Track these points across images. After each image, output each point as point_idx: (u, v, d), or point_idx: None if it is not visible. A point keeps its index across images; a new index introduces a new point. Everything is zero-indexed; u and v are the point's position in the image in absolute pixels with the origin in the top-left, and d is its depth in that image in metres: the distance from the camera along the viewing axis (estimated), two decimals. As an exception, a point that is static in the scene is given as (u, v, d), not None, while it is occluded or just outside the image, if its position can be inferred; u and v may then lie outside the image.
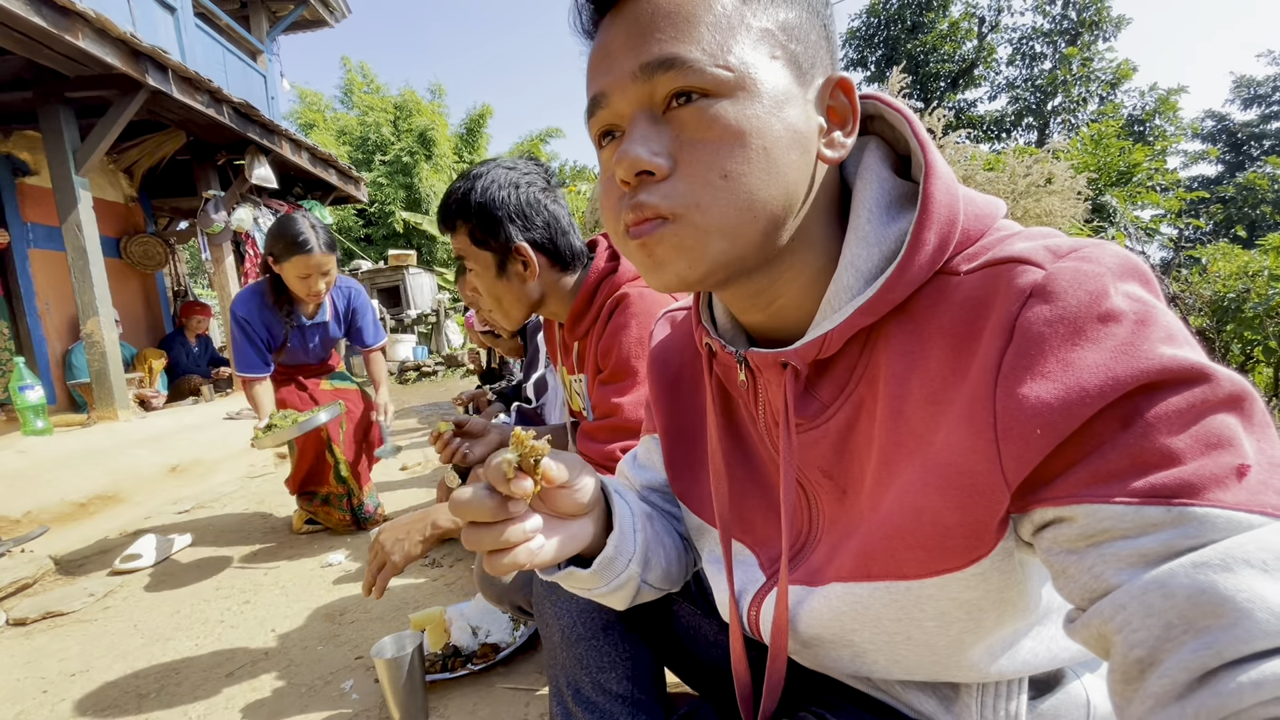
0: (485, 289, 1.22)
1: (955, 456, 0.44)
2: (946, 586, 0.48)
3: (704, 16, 0.46)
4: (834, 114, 0.50)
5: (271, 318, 2.39)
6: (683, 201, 0.47)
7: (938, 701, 0.60)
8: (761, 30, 0.47)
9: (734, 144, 0.45)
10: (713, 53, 0.45)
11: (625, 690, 0.77)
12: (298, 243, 2.19)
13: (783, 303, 0.54)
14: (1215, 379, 0.38)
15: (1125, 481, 0.38)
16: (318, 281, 2.28)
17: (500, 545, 0.49)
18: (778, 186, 0.47)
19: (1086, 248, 0.43)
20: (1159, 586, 0.35)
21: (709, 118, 0.46)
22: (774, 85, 0.47)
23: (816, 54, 0.49)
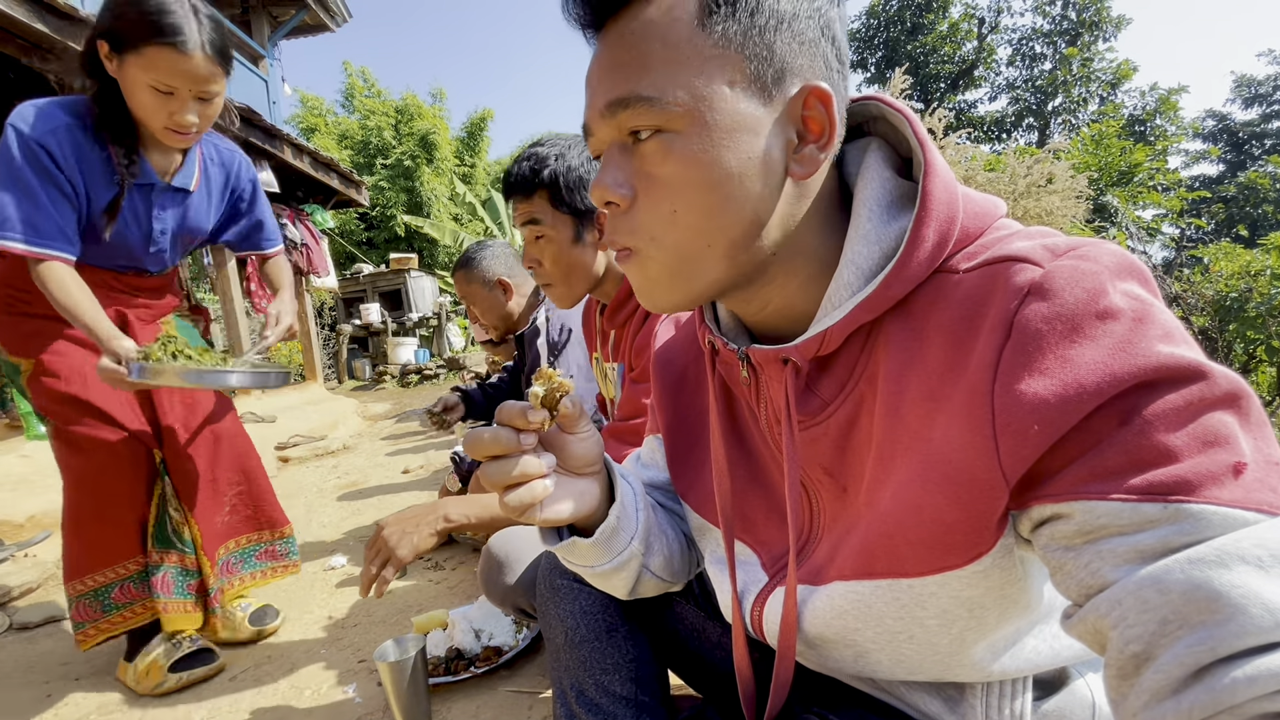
0: (555, 257, 1.19)
1: (954, 453, 0.44)
2: (948, 584, 0.48)
3: (657, 52, 0.47)
4: (811, 124, 0.49)
5: (92, 155, 1.34)
6: (641, 236, 0.51)
7: (942, 702, 0.60)
8: (719, 58, 0.46)
9: (684, 182, 0.48)
10: (664, 89, 0.47)
11: (629, 692, 0.77)
12: (163, 24, 1.22)
13: (779, 304, 0.55)
14: (1212, 377, 0.38)
15: (1122, 478, 0.38)
16: (186, 106, 1.30)
17: (517, 478, 0.52)
18: (733, 215, 0.48)
19: (1084, 246, 0.43)
20: (1155, 582, 0.35)
21: (663, 153, 0.48)
22: (728, 116, 0.47)
23: (796, 62, 0.47)
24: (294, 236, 5.66)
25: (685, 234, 0.49)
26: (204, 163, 1.56)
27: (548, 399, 0.54)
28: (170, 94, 1.28)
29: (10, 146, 1.25)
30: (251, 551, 1.73)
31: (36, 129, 1.27)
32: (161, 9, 1.23)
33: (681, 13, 0.46)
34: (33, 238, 1.27)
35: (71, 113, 1.33)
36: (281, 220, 5.55)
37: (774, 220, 0.50)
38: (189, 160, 1.50)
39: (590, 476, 0.60)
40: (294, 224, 5.73)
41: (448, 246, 14.35)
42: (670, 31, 0.46)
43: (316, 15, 7.39)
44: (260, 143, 4.77)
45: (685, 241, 0.50)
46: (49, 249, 1.29)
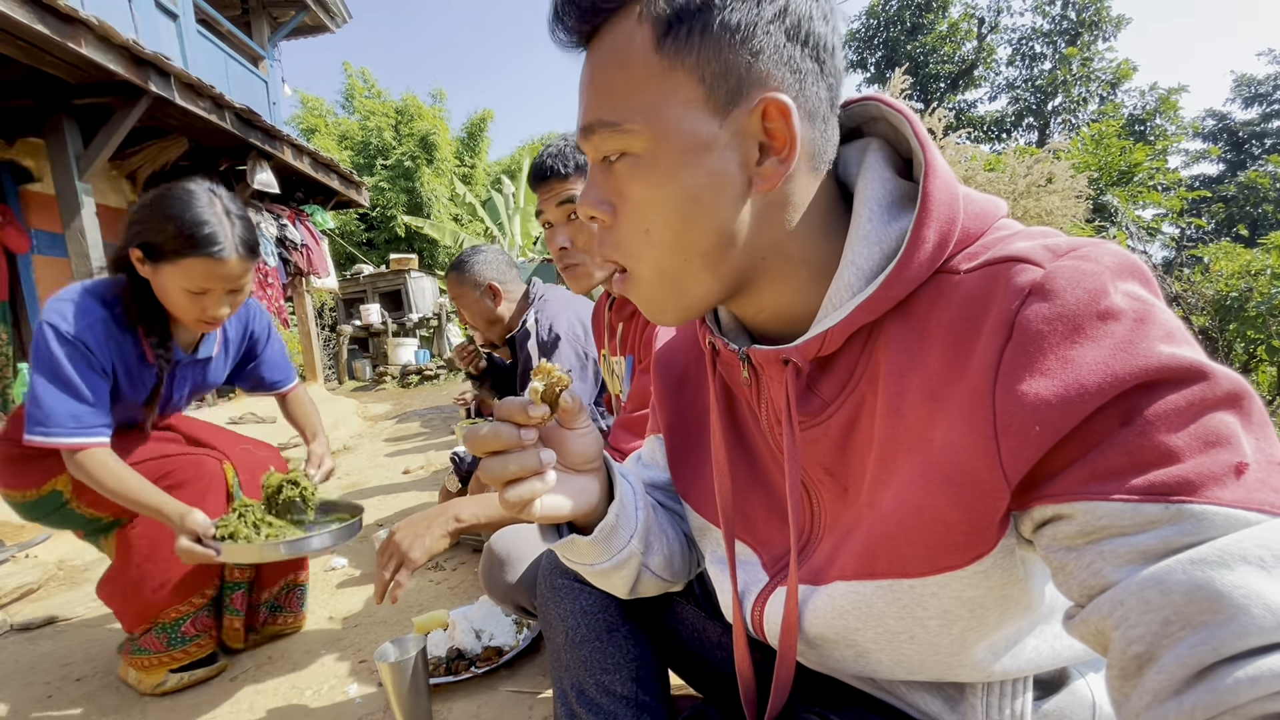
0: (589, 235, 1.21)
1: (955, 454, 0.44)
2: (949, 584, 0.48)
3: (619, 78, 0.48)
4: (774, 135, 0.48)
5: (127, 348, 1.39)
6: (624, 253, 0.53)
7: (943, 702, 0.60)
8: (673, 80, 0.47)
9: (649, 202, 0.50)
10: (624, 114, 0.48)
11: (629, 692, 0.77)
12: (200, 236, 1.27)
13: (776, 306, 0.55)
14: (1214, 377, 0.38)
15: (1124, 479, 0.38)
16: (220, 302, 1.35)
17: (516, 473, 0.52)
18: (700, 231, 0.50)
19: (1085, 247, 0.43)
20: (1157, 583, 0.35)
21: (630, 174, 0.50)
22: (685, 137, 0.48)
23: (754, 75, 0.47)
24: (294, 237, 5.66)
25: (660, 251, 0.51)
26: (223, 326, 1.59)
27: (548, 393, 0.54)
28: (204, 294, 1.33)
29: (50, 344, 1.28)
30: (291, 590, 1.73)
31: (75, 325, 1.31)
32: (197, 222, 1.28)
33: (639, 38, 0.47)
34: (76, 430, 1.29)
35: (104, 303, 1.37)
36: (281, 221, 5.56)
37: (748, 232, 0.50)
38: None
39: (590, 473, 0.60)
40: (294, 225, 5.72)
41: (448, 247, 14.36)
42: (628, 57, 0.48)
43: (316, 16, 7.39)
44: (260, 143, 4.77)
45: (662, 258, 0.51)
46: (91, 437, 1.31)
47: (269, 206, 5.46)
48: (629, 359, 1.27)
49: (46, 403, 1.27)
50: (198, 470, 1.49)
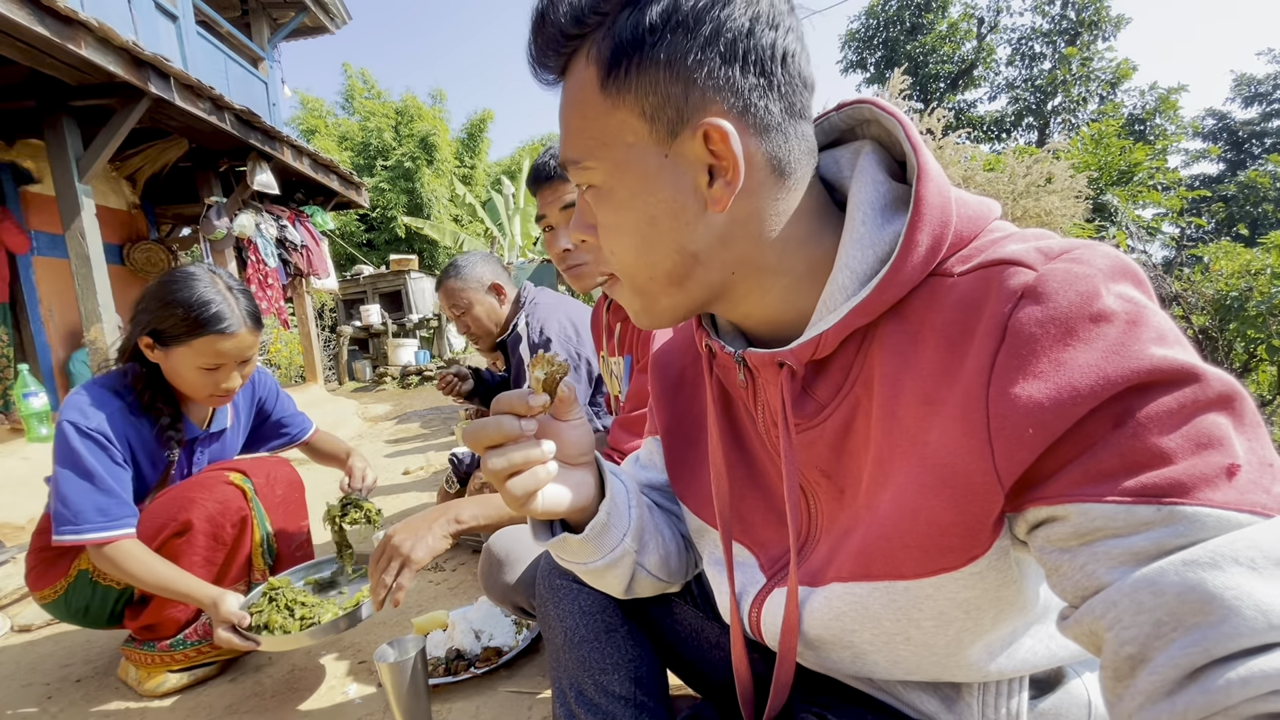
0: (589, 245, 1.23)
1: (950, 456, 0.44)
2: (944, 586, 0.48)
3: (575, 120, 0.52)
4: (720, 158, 0.48)
5: (145, 433, 1.43)
6: (608, 268, 0.58)
7: (939, 702, 0.60)
8: (619, 118, 0.49)
9: (612, 228, 0.54)
10: (581, 152, 0.52)
11: (628, 692, 0.77)
12: (208, 316, 1.31)
13: (764, 313, 0.56)
14: (1206, 379, 0.38)
15: (1117, 481, 0.38)
16: (231, 375, 1.39)
17: (521, 464, 0.53)
18: (658, 252, 0.52)
19: (1078, 249, 0.43)
20: (1149, 584, 0.36)
21: (596, 205, 0.54)
22: (630, 171, 0.50)
23: (695, 101, 0.47)
24: (294, 238, 5.66)
25: (627, 269, 0.55)
26: (236, 398, 1.63)
27: (548, 382, 0.55)
28: (216, 369, 1.38)
29: (70, 440, 1.32)
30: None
31: (92, 420, 1.34)
32: (203, 302, 1.33)
33: (588, 79, 0.49)
34: (104, 524, 1.31)
35: (116, 394, 1.41)
36: (281, 222, 5.56)
37: (713, 249, 0.52)
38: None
39: (583, 467, 0.61)
40: (294, 226, 5.73)
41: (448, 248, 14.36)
42: (580, 98, 0.51)
43: (316, 17, 7.40)
44: (260, 144, 4.78)
45: (630, 274, 0.55)
46: (118, 530, 1.32)
47: (269, 207, 5.47)
48: (627, 359, 1.27)
49: (73, 500, 1.29)
50: (208, 489, 1.47)
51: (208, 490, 1.46)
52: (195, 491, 1.46)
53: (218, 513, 1.45)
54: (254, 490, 1.54)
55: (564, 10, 0.48)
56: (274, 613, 1.31)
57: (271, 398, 1.78)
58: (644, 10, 0.46)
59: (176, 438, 1.47)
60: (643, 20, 0.46)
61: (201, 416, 1.56)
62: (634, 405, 1.17)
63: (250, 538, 1.53)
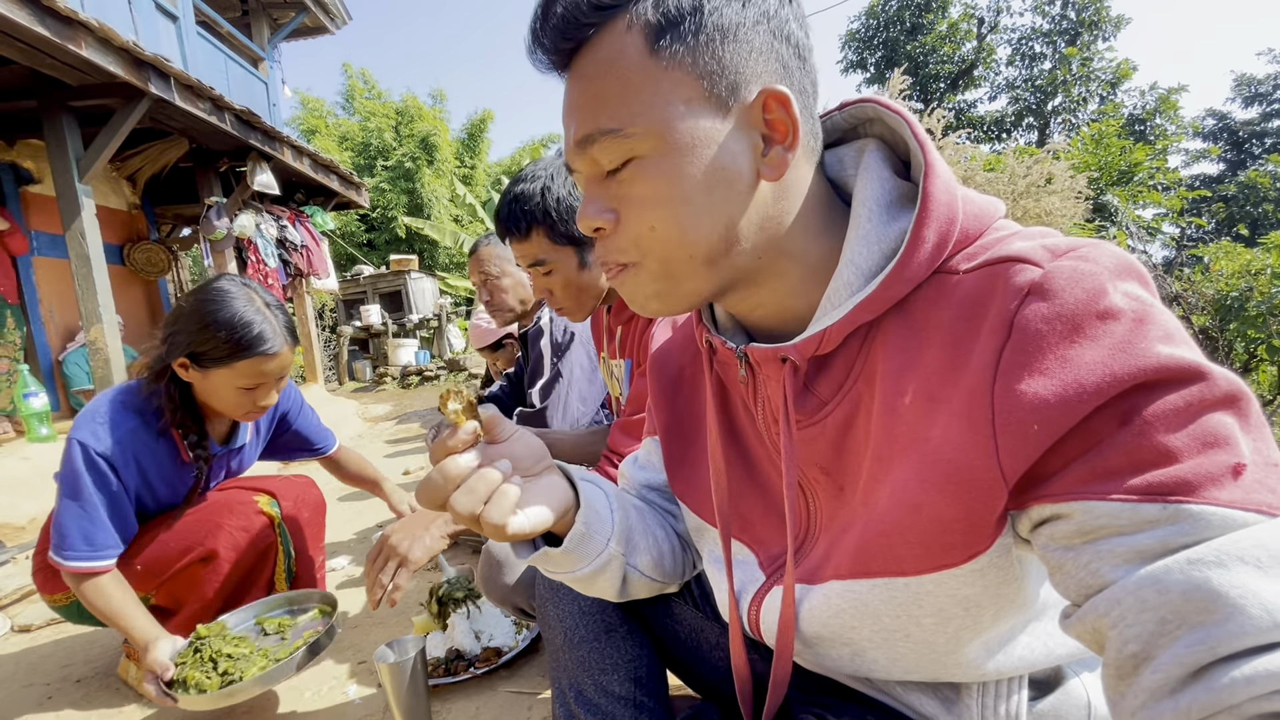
0: (564, 285, 1.21)
1: (953, 452, 0.44)
2: (944, 583, 0.48)
3: (614, 87, 0.49)
4: (775, 126, 0.49)
5: (161, 454, 1.40)
6: (629, 253, 0.53)
7: (938, 702, 0.60)
8: (671, 80, 0.48)
9: (656, 199, 0.50)
10: (624, 119, 0.49)
11: (628, 692, 0.77)
12: (251, 338, 1.29)
13: (771, 305, 0.55)
14: (1212, 378, 0.38)
15: (1122, 479, 0.38)
16: (270, 393, 1.38)
17: (486, 494, 0.52)
18: (707, 225, 0.50)
19: (1084, 247, 0.43)
20: (1154, 582, 0.35)
21: (634, 176, 0.51)
22: (687, 135, 0.48)
23: (748, 70, 0.48)
24: (294, 239, 5.66)
25: (666, 246, 0.51)
26: None
27: (467, 410, 0.55)
28: (256, 388, 1.35)
29: (76, 462, 1.30)
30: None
31: (103, 443, 1.31)
32: (246, 325, 1.29)
33: (631, 46, 0.48)
34: (89, 554, 1.30)
35: (135, 412, 1.37)
36: (282, 222, 5.56)
37: (751, 224, 0.51)
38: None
39: (546, 473, 0.61)
40: (294, 226, 5.73)
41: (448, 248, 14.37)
42: (622, 65, 0.48)
43: (316, 17, 7.40)
44: (260, 145, 4.78)
45: (668, 253, 0.52)
46: (99, 561, 1.31)
47: (269, 208, 5.47)
48: (628, 362, 1.27)
49: (66, 525, 1.30)
50: (237, 516, 1.48)
51: (236, 517, 1.45)
52: (223, 517, 1.45)
53: (245, 542, 1.45)
54: (281, 516, 1.53)
55: None
56: (194, 667, 1.24)
57: (295, 410, 1.74)
58: None
59: (204, 456, 1.44)
60: None
61: (221, 434, 1.53)
62: (635, 408, 1.17)
63: (273, 565, 1.53)
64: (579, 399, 1.89)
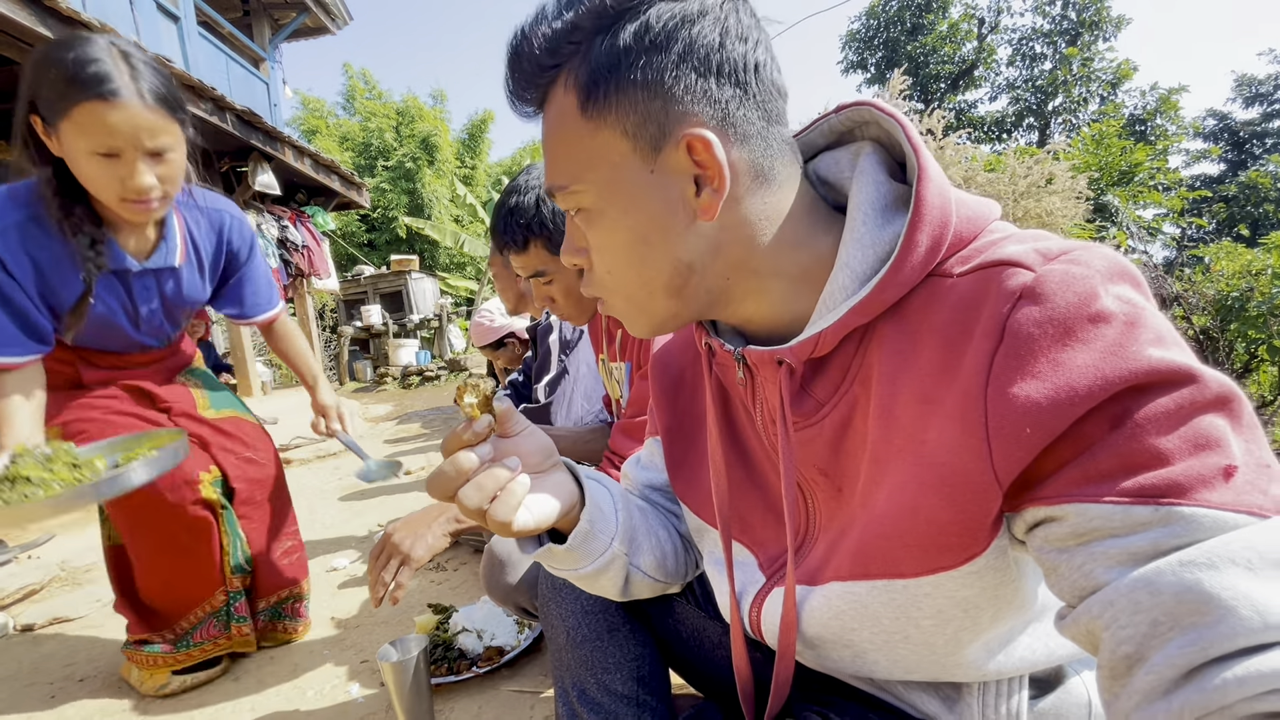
0: (566, 293, 1.20)
1: (948, 455, 0.44)
2: (942, 585, 0.49)
3: (559, 146, 0.53)
4: (705, 167, 0.49)
5: (53, 247, 1.23)
6: (600, 290, 0.58)
7: (940, 701, 0.60)
8: (601, 139, 0.50)
9: (605, 248, 0.55)
10: (568, 177, 0.53)
11: (630, 691, 0.77)
12: (86, 75, 1.08)
13: (762, 315, 0.56)
14: (1203, 380, 0.38)
15: (1114, 481, 0.38)
16: (136, 168, 1.16)
17: (494, 490, 0.53)
18: (654, 266, 0.53)
19: (1076, 250, 0.43)
20: (1146, 584, 0.36)
21: (587, 227, 0.55)
22: (618, 190, 0.51)
23: (675, 116, 0.48)
24: (295, 239, 5.67)
25: (625, 287, 0.56)
26: (188, 233, 1.41)
27: (483, 404, 0.55)
28: (115, 156, 1.14)
29: None
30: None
31: None
32: (82, 59, 1.09)
33: (568, 106, 0.51)
34: None
35: (23, 206, 1.21)
36: (283, 222, 5.57)
37: (706, 258, 0.52)
38: (168, 234, 1.37)
39: (553, 471, 0.61)
40: (295, 226, 5.74)
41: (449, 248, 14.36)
42: (562, 124, 0.52)
43: (317, 18, 7.41)
44: (261, 145, 4.78)
45: (629, 292, 0.56)
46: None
47: (270, 208, 5.48)
48: (627, 365, 1.27)
49: None
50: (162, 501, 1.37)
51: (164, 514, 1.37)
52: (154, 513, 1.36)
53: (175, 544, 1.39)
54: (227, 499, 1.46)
55: (538, 44, 0.49)
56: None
57: (246, 252, 1.53)
58: (617, 35, 0.47)
59: (95, 260, 1.25)
60: (616, 44, 0.47)
61: (140, 248, 1.33)
62: (636, 411, 1.17)
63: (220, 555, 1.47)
64: (584, 397, 1.89)
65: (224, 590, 1.51)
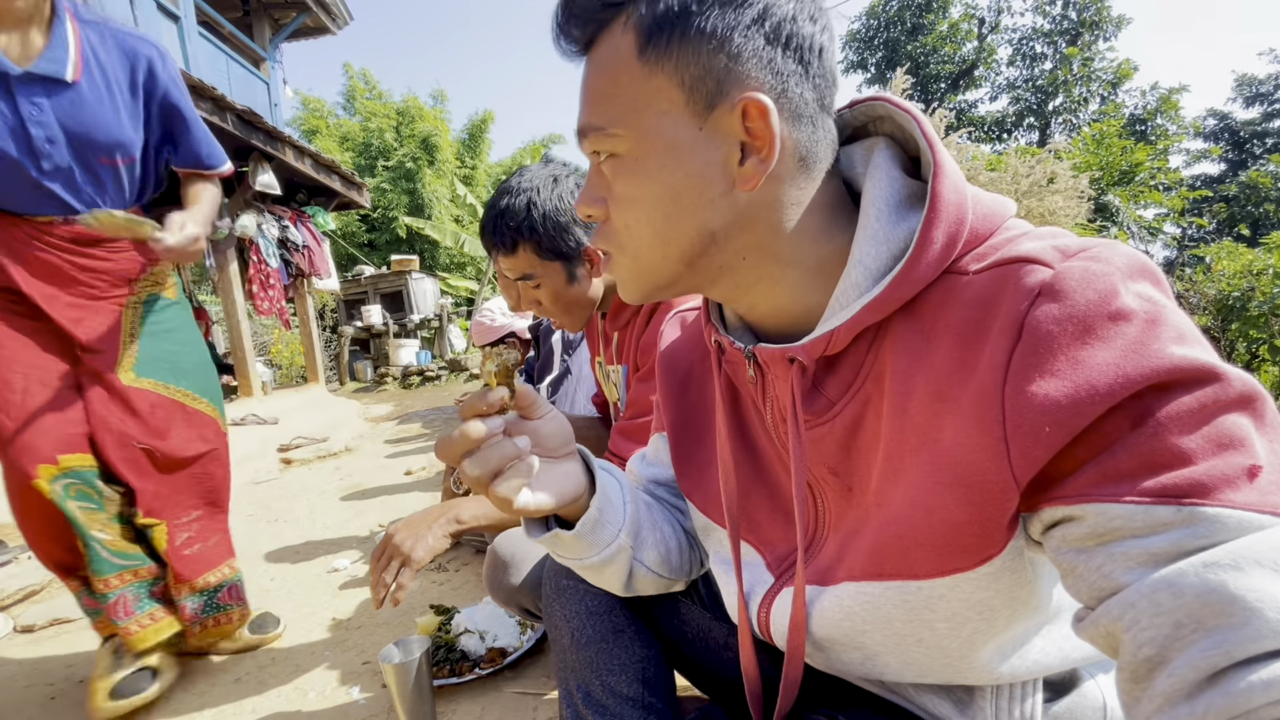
0: (553, 299, 1.21)
1: (964, 454, 0.44)
2: (958, 587, 0.48)
3: (605, 85, 0.51)
4: (756, 135, 0.48)
5: None
6: (612, 244, 0.56)
7: (952, 704, 0.59)
8: (654, 86, 0.48)
9: (631, 200, 0.52)
10: (608, 119, 0.51)
11: (636, 693, 0.77)
12: None
13: (770, 306, 0.55)
14: (1226, 379, 0.38)
15: (1135, 481, 0.38)
16: None
17: (498, 464, 0.53)
18: (679, 229, 0.51)
19: (1096, 247, 0.43)
20: (1168, 586, 0.35)
21: (615, 175, 0.53)
22: (665, 139, 0.49)
23: (734, 78, 0.47)
24: (296, 239, 5.66)
25: (639, 245, 0.53)
26: (87, 47, 1.22)
27: (501, 375, 0.55)
28: None
29: None
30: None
31: None
32: None
33: (624, 47, 0.49)
34: None
35: None
36: (283, 222, 5.56)
37: (730, 231, 0.51)
38: (56, 39, 1.17)
39: (567, 459, 0.61)
40: (296, 226, 5.73)
41: (449, 248, 14.36)
42: (614, 64, 0.50)
43: (317, 18, 7.40)
44: (262, 145, 4.78)
45: (642, 251, 0.54)
46: None
47: (270, 208, 5.47)
48: (624, 367, 1.27)
49: None
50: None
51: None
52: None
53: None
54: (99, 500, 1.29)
55: None
56: None
57: (175, 89, 1.34)
58: None
59: None
60: None
61: (23, 52, 1.15)
62: (634, 413, 1.17)
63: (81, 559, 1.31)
64: (587, 397, 1.89)
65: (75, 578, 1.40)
